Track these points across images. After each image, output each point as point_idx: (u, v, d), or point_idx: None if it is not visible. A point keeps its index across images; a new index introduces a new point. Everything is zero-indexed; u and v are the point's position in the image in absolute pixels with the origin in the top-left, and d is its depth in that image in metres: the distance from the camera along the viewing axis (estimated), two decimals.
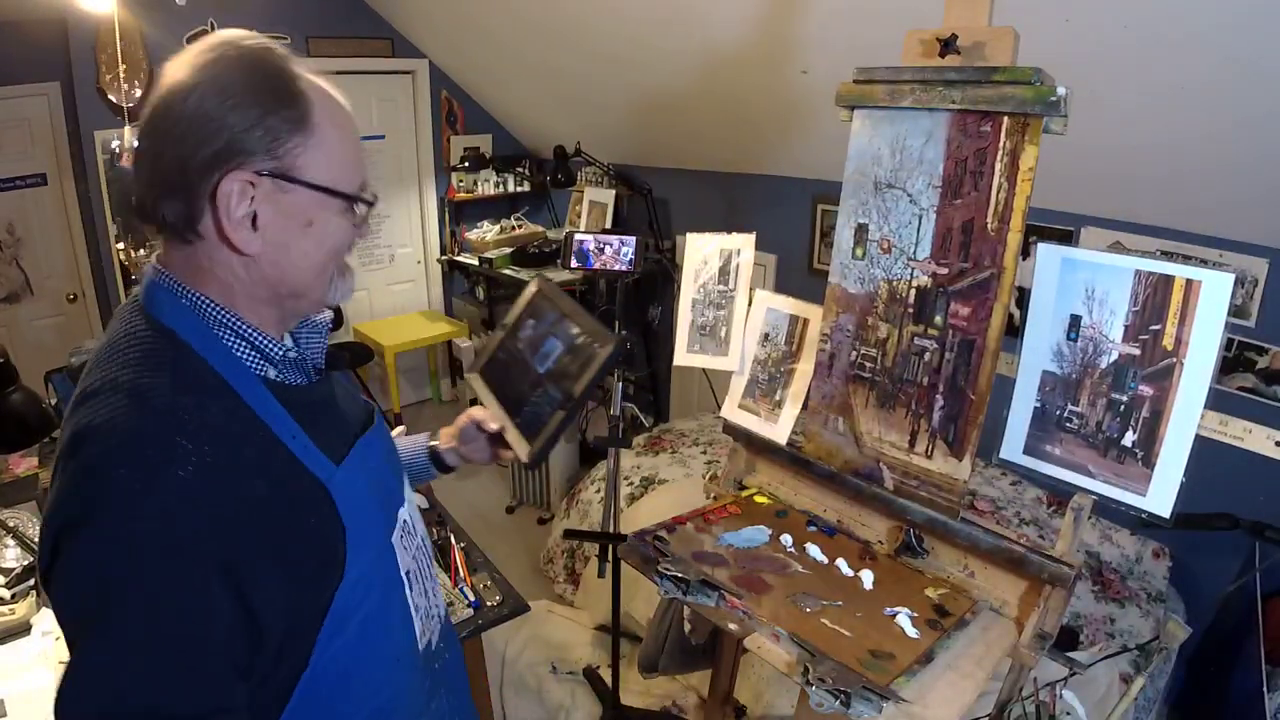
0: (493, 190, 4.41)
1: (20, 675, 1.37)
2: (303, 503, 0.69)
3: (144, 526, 0.58)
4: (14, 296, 3.51)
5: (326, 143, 0.69)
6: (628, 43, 2.90)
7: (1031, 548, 1.12)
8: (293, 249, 0.70)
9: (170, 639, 0.59)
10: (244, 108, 0.65)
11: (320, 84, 0.71)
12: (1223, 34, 1.53)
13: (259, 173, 0.66)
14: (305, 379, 0.77)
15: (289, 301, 0.74)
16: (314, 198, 0.69)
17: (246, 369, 0.70)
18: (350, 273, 0.78)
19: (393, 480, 0.88)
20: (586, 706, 2.20)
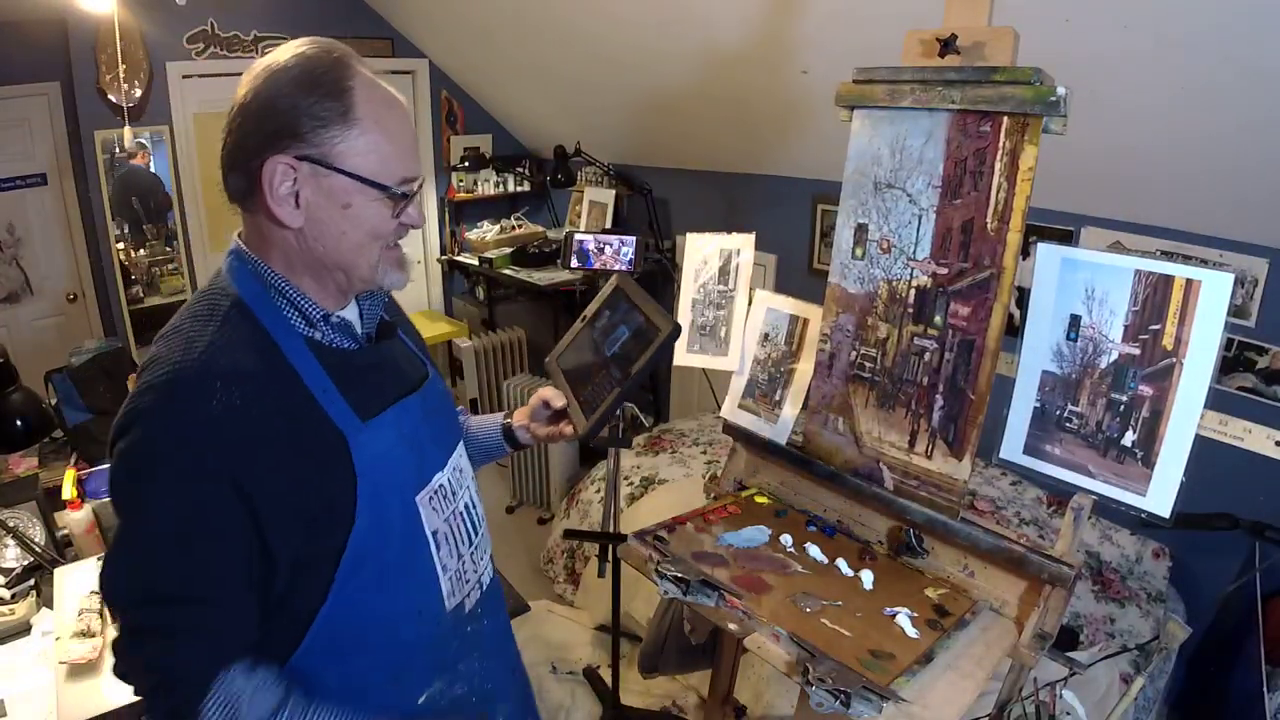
0: (493, 190, 4.41)
1: (20, 675, 1.37)
2: (319, 448, 0.78)
3: (167, 440, 0.71)
4: (14, 296, 3.51)
5: (367, 137, 0.77)
6: (628, 43, 2.91)
7: (1031, 548, 1.12)
8: (331, 227, 0.79)
9: (175, 534, 0.72)
10: (293, 100, 0.75)
11: (375, 85, 0.80)
12: (1223, 34, 1.53)
13: (299, 157, 0.76)
14: (353, 343, 0.87)
15: (337, 274, 0.83)
16: (350, 184, 0.78)
17: (292, 328, 0.81)
18: (405, 264, 0.88)
19: (431, 445, 0.94)
20: (586, 706, 2.20)
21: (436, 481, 0.92)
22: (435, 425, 0.96)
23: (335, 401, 0.80)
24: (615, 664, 2.04)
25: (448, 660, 0.96)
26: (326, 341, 0.84)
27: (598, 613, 2.54)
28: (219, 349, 0.75)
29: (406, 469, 0.87)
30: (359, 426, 0.81)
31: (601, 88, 3.41)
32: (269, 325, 0.79)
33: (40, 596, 1.57)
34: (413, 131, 0.85)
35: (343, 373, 0.82)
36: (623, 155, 3.91)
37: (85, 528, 1.74)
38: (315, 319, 0.82)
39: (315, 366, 0.80)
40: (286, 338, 0.80)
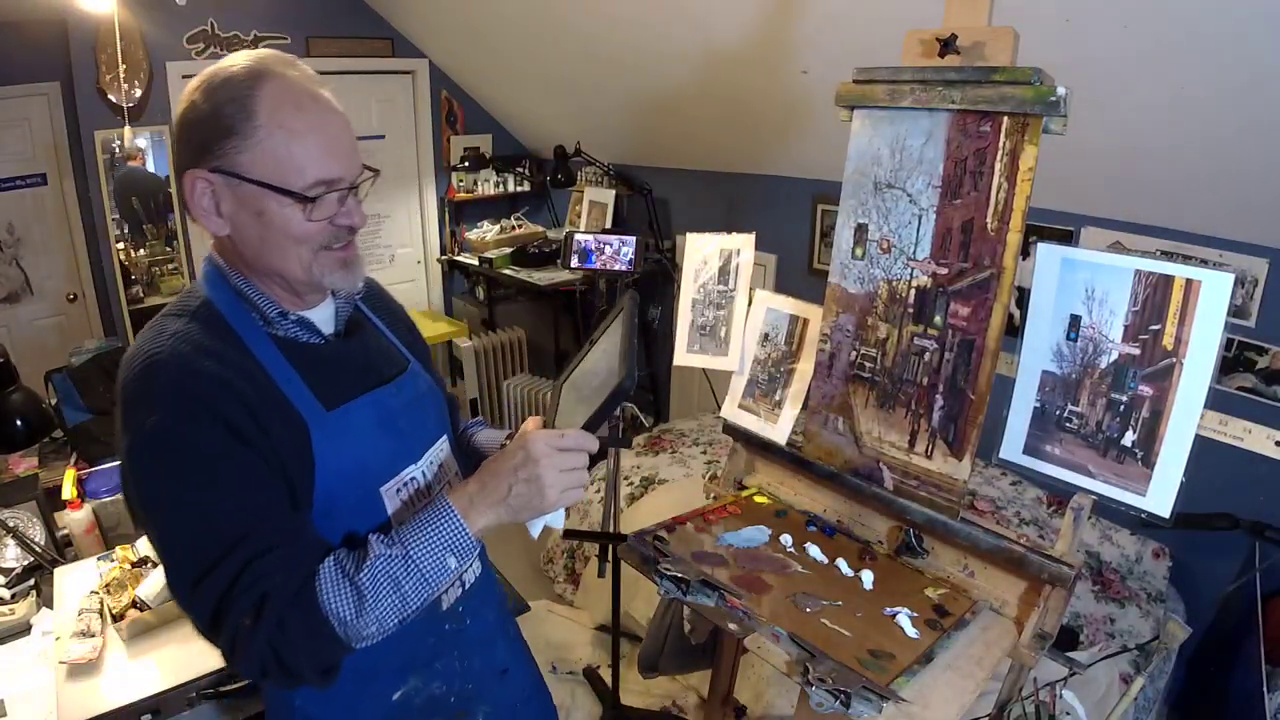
0: (493, 190, 4.41)
1: (20, 675, 1.37)
2: (283, 430, 0.80)
3: (160, 415, 0.74)
4: (14, 296, 3.51)
5: (270, 141, 0.78)
6: (628, 43, 2.91)
7: (1031, 548, 1.12)
8: (252, 234, 0.82)
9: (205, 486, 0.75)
10: (202, 113, 0.78)
11: (290, 89, 0.80)
12: (1223, 35, 1.53)
13: (212, 169, 0.79)
14: (318, 338, 0.89)
15: (277, 279, 0.85)
16: (259, 191, 0.79)
17: (255, 325, 0.85)
18: (352, 264, 0.88)
19: (406, 437, 0.95)
20: (586, 706, 2.20)
21: (408, 474, 0.93)
22: (412, 419, 0.96)
23: (299, 390, 0.83)
24: (615, 664, 2.04)
25: (422, 658, 0.96)
26: (290, 336, 0.87)
27: (598, 613, 2.55)
28: (185, 336, 0.79)
29: (373, 459, 0.89)
30: (322, 415, 0.84)
31: (601, 88, 3.41)
32: (234, 323, 0.83)
33: (40, 596, 1.57)
34: (335, 131, 0.83)
35: (307, 364, 0.86)
36: (623, 155, 3.91)
37: (85, 528, 1.74)
38: (272, 316, 0.85)
39: (279, 358, 0.84)
40: (250, 334, 0.84)
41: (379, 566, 0.77)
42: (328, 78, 0.87)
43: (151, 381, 0.76)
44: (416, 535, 0.80)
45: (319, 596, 0.75)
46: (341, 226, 0.85)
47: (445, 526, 0.80)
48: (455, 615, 1.00)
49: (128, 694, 1.25)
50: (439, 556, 0.80)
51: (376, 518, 0.89)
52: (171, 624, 1.42)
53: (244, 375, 0.79)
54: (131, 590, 1.45)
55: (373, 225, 4.26)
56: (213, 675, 1.30)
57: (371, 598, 0.76)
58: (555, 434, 0.84)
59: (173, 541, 0.77)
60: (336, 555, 0.79)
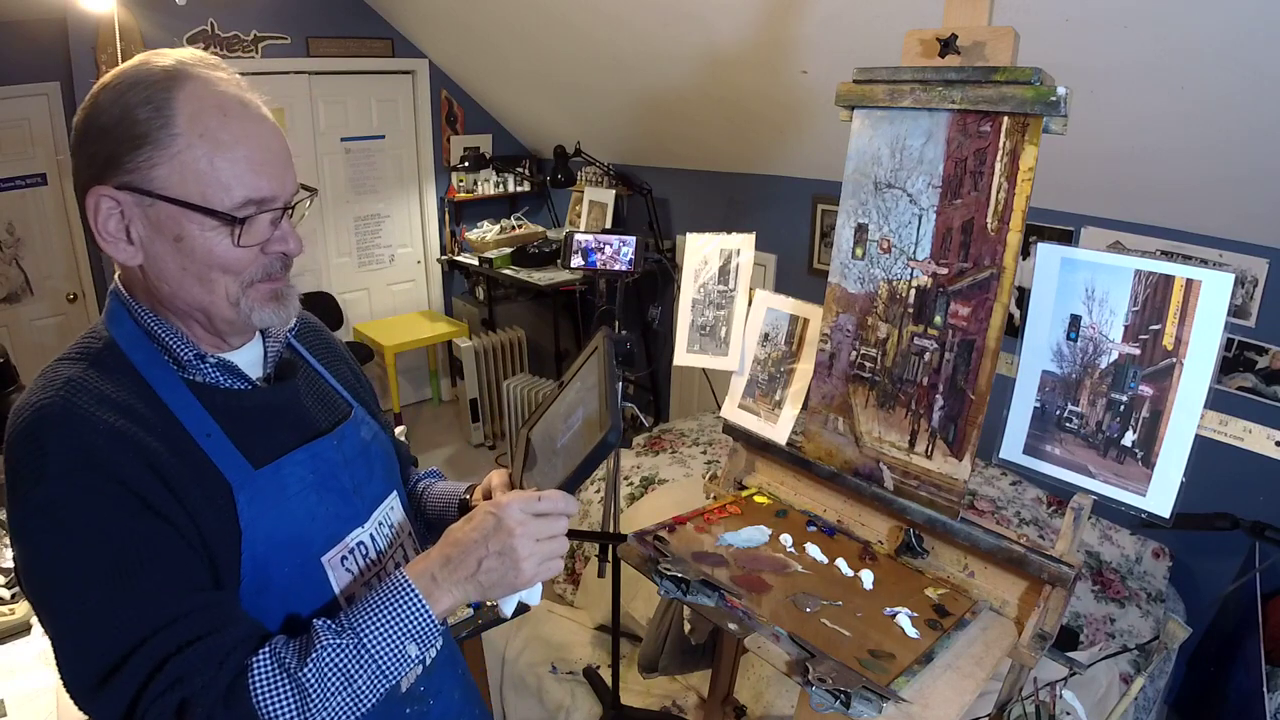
0: (493, 190, 4.41)
1: (20, 675, 1.37)
2: (200, 495, 0.69)
3: (55, 489, 0.63)
4: (14, 296, 3.51)
5: (190, 153, 0.67)
6: (628, 43, 2.91)
7: (1031, 548, 1.12)
8: (170, 264, 0.70)
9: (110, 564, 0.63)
10: (110, 119, 0.67)
11: (213, 92, 0.69)
12: (1223, 36, 1.53)
13: (119, 186, 0.67)
14: (244, 384, 0.77)
15: (198, 315, 0.73)
16: (177, 211, 0.67)
17: (167, 368, 0.73)
18: (285, 298, 0.77)
19: (350, 496, 0.83)
20: (586, 706, 2.20)
21: (354, 538, 0.81)
22: (356, 474, 0.84)
23: (221, 446, 0.71)
24: (615, 664, 2.04)
25: None
26: (210, 382, 0.75)
27: (598, 613, 2.54)
28: (82, 385, 0.67)
29: (311, 523, 0.77)
30: (249, 475, 0.72)
31: (601, 88, 3.41)
32: (143, 368, 0.71)
33: None
34: (267, 142, 0.71)
35: (231, 415, 0.74)
36: (623, 155, 3.91)
37: None
38: (186, 360, 0.73)
39: (197, 409, 0.72)
40: (162, 380, 0.71)
41: (326, 659, 0.66)
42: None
43: (39, 441, 0.64)
44: (370, 620, 0.68)
45: (252, 699, 0.63)
46: (274, 254, 0.73)
47: (404, 609, 0.69)
48: (416, 696, 0.88)
49: None
50: (398, 644, 0.68)
51: (319, 593, 0.77)
52: None
53: (152, 430, 0.67)
54: None
55: (373, 225, 4.26)
56: None
57: (318, 697, 0.65)
58: (530, 497, 0.74)
59: (70, 636, 0.64)
60: (273, 646, 0.67)
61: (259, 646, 0.67)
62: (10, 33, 3.12)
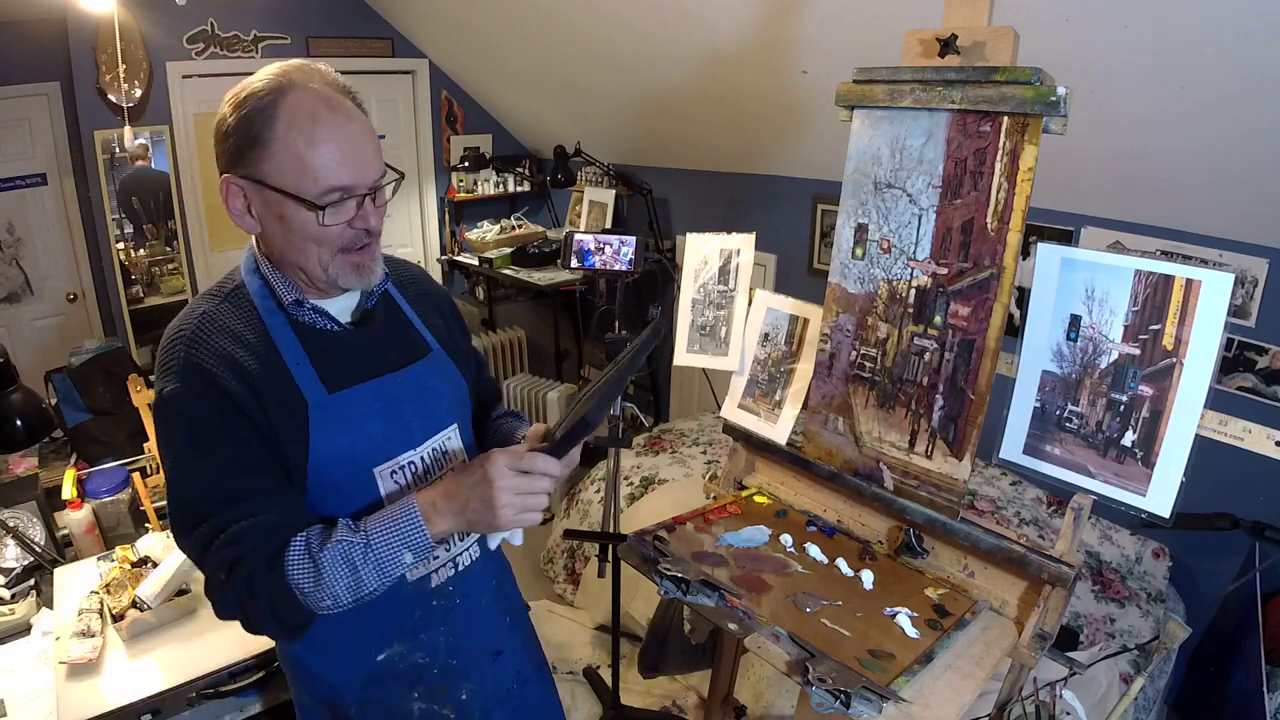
0: (493, 190, 4.41)
1: (20, 675, 1.37)
2: (285, 408, 0.88)
3: (174, 383, 0.86)
4: (14, 296, 3.50)
5: (287, 152, 0.84)
6: (628, 43, 2.91)
7: (1031, 548, 1.12)
8: (277, 234, 0.90)
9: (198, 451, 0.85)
10: (233, 124, 0.85)
11: (309, 100, 0.86)
12: (1223, 36, 1.53)
13: (242, 175, 0.87)
14: (334, 325, 0.96)
15: (298, 272, 0.92)
16: (278, 197, 0.86)
17: (277, 309, 0.93)
18: (366, 269, 0.94)
19: (410, 422, 0.99)
20: (586, 706, 2.20)
21: (405, 458, 0.98)
22: (417, 406, 1.01)
23: (306, 373, 0.91)
24: (615, 664, 2.04)
25: (407, 627, 1.01)
26: (309, 322, 0.94)
27: (598, 613, 2.54)
28: (210, 315, 0.90)
29: (369, 441, 0.95)
30: (324, 397, 0.91)
31: (601, 88, 3.41)
32: (259, 305, 0.92)
33: (40, 596, 1.57)
34: (352, 139, 0.88)
35: (319, 349, 0.93)
36: (623, 155, 3.91)
37: (85, 528, 1.74)
38: (287, 303, 0.93)
39: (293, 341, 0.92)
40: (271, 316, 0.92)
41: (339, 549, 0.84)
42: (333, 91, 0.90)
43: (172, 354, 0.87)
44: (379, 527, 0.86)
45: (286, 566, 0.83)
46: (359, 230, 0.90)
47: (406, 524, 0.86)
48: (445, 594, 1.04)
49: (128, 694, 1.25)
50: (396, 550, 0.85)
51: (369, 496, 0.95)
52: (171, 624, 1.42)
53: (255, 355, 0.88)
54: (131, 590, 1.45)
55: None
56: (212, 675, 1.30)
57: (329, 575, 0.83)
58: (515, 455, 0.88)
59: (173, 493, 0.87)
60: (309, 532, 0.85)
61: (297, 531, 0.85)
62: (10, 33, 3.11)
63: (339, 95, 0.89)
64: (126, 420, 2.08)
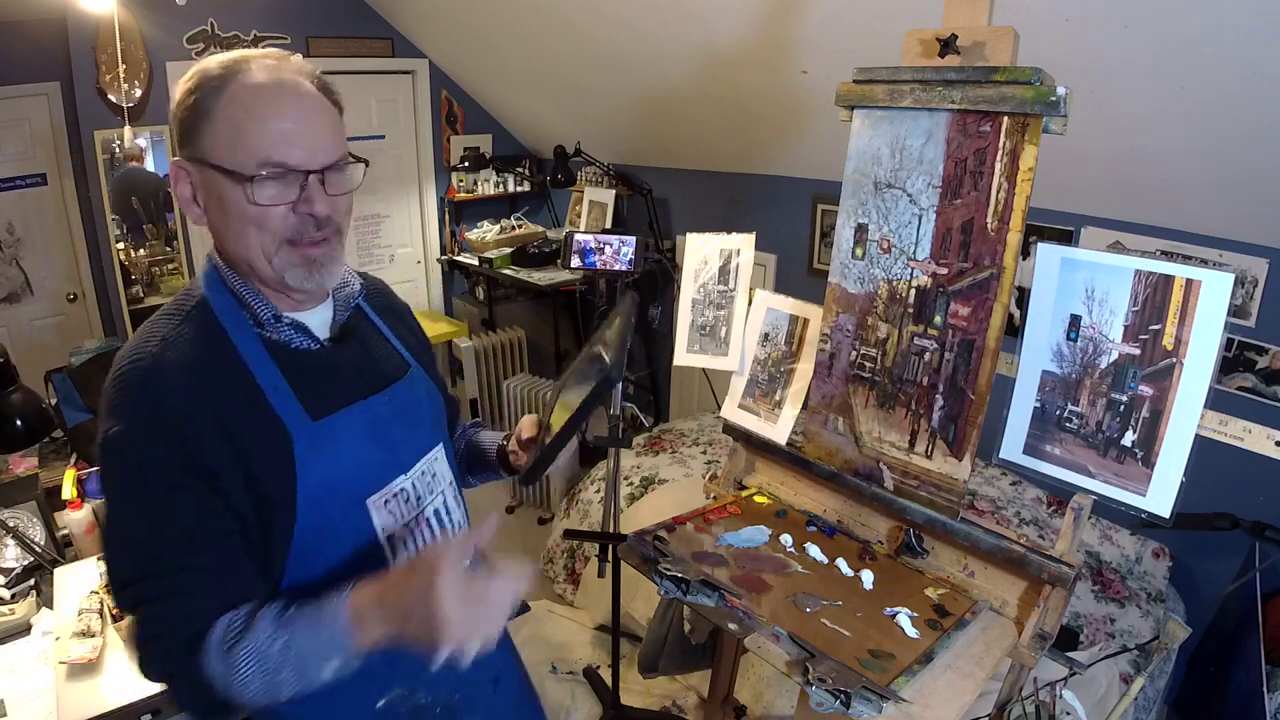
0: (493, 190, 4.41)
1: (20, 675, 1.37)
2: (264, 443, 0.79)
3: (124, 428, 0.75)
4: (14, 296, 3.50)
5: (225, 121, 0.77)
6: (628, 43, 2.91)
7: (1031, 548, 1.12)
8: (217, 220, 0.81)
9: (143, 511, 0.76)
10: (180, 106, 0.79)
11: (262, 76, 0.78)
12: (1223, 36, 1.53)
13: (186, 158, 0.79)
14: (312, 343, 0.87)
15: (252, 272, 0.83)
16: (215, 176, 0.78)
17: (248, 327, 0.83)
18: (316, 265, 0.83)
19: (398, 446, 0.92)
20: (586, 706, 2.20)
21: (397, 485, 0.90)
22: (404, 428, 0.93)
23: (286, 399, 0.81)
24: (615, 664, 2.04)
25: (408, 667, 0.90)
26: (284, 340, 0.85)
27: (597, 613, 2.54)
28: (171, 343, 0.79)
29: (359, 470, 0.86)
30: (307, 425, 0.82)
31: (602, 88, 3.41)
32: (226, 324, 0.82)
33: (40, 596, 1.57)
34: (301, 115, 0.79)
35: (298, 371, 0.84)
36: (623, 155, 3.91)
37: (85, 528, 1.74)
38: (265, 319, 0.84)
39: (269, 365, 0.82)
40: (242, 337, 0.82)
41: (253, 649, 0.73)
42: (327, 77, 0.85)
43: (124, 390, 0.76)
44: (302, 628, 0.74)
45: (201, 655, 0.73)
46: (303, 215, 0.80)
47: (331, 632, 0.74)
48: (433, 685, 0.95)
49: (128, 694, 1.25)
50: (319, 659, 0.74)
51: (364, 529, 0.87)
52: None
53: (228, 385, 0.79)
54: None
55: (373, 225, 4.26)
56: None
57: (241, 674, 0.72)
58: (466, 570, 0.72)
59: (107, 546, 0.80)
60: (232, 617, 0.75)
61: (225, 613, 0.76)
62: (10, 33, 3.11)
63: (299, 77, 0.81)
64: None
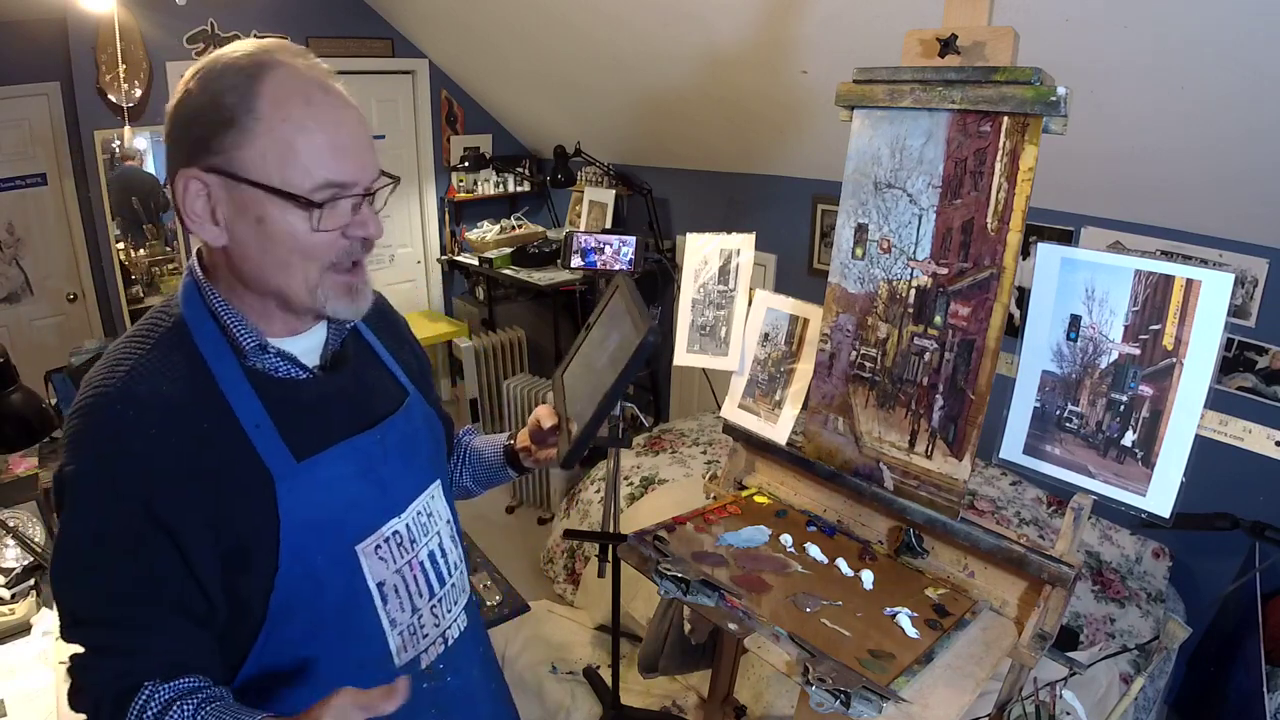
0: (493, 190, 4.41)
1: (20, 675, 1.37)
2: (242, 487, 0.72)
3: (82, 465, 0.69)
4: (14, 296, 3.50)
5: (271, 135, 0.68)
6: (628, 43, 2.91)
7: (1031, 548, 1.12)
8: (252, 246, 0.72)
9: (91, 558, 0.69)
10: (201, 102, 0.69)
11: (299, 77, 0.71)
12: (1223, 36, 1.53)
13: (207, 168, 0.69)
14: (300, 372, 0.79)
15: (275, 300, 0.76)
16: (260, 194, 0.69)
17: (230, 356, 0.75)
18: (358, 292, 0.78)
19: (390, 487, 0.85)
20: (586, 706, 2.20)
21: (389, 528, 0.84)
22: (397, 465, 0.86)
23: (268, 437, 0.74)
24: (615, 664, 2.04)
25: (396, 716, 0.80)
26: (269, 370, 0.77)
27: (597, 613, 2.54)
28: (141, 375, 0.70)
29: (348, 514, 0.80)
30: (291, 467, 0.74)
31: (602, 88, 3.41)
32: (206, 351, 0.74)
33: (40, 596, 1.57)
34: (349, 128, 0.73)
35: (283, 406, 0.76)
36: (623, 155, 3.91)
37: None
38: (247, 349, 0.75)
39: (251, 398, 0.74)
40: (222, 366, 0.74)
41: None
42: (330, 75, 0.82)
43: (87, 425, 0.69)
44: None
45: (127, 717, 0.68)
46: (355, 239, 0.75)
47: None
48: (435, 673, 0.91)
49: None
50: None
51: (353, 580, 0.80)
52: None
53: (200, 421, 0.71)
54: None
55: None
56: None
57: None
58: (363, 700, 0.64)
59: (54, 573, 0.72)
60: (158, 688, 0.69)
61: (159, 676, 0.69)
62: (10, 33, 3.11)
63: (330, 79, 0.74)
64: None
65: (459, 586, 0.96)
